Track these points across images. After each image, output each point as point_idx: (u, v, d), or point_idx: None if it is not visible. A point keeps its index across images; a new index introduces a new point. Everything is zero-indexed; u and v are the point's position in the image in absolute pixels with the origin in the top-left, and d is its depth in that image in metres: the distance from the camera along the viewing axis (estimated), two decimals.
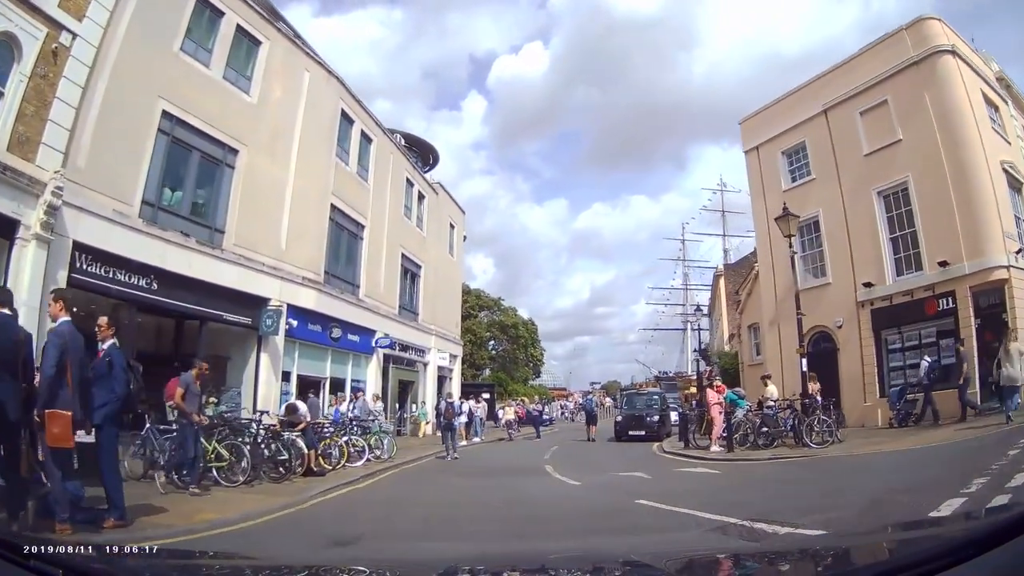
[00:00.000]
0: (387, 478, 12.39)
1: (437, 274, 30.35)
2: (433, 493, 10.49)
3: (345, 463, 12.75)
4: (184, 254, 14.35)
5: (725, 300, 40.55)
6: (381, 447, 14.65)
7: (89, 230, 11.98)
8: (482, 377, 52.03)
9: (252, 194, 16.72)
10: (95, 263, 12.25)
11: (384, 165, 24.62)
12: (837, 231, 20.68)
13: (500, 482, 11.57)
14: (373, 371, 22.66)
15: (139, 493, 8.01)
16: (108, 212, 12.50)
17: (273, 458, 10.99)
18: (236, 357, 16.96)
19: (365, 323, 21.98)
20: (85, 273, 11.95)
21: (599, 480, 11.15)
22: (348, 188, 21.47)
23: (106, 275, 12.48)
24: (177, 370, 15.66)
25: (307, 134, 19.03)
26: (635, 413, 21.93)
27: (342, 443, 12.90)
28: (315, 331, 18.95)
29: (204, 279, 14.80)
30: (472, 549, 5.60)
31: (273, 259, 17.20)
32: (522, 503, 8.97)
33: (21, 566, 1.73)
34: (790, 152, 22.66)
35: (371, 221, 22.97)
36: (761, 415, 15.72)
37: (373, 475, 12.30)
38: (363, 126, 22.93)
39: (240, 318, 16.14)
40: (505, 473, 13.11)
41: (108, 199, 12.62)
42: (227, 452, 10.25)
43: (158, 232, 13.75)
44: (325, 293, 19.18)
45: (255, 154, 16.96)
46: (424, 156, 33.61)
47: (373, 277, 23.17)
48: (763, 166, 23.49)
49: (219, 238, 15.88)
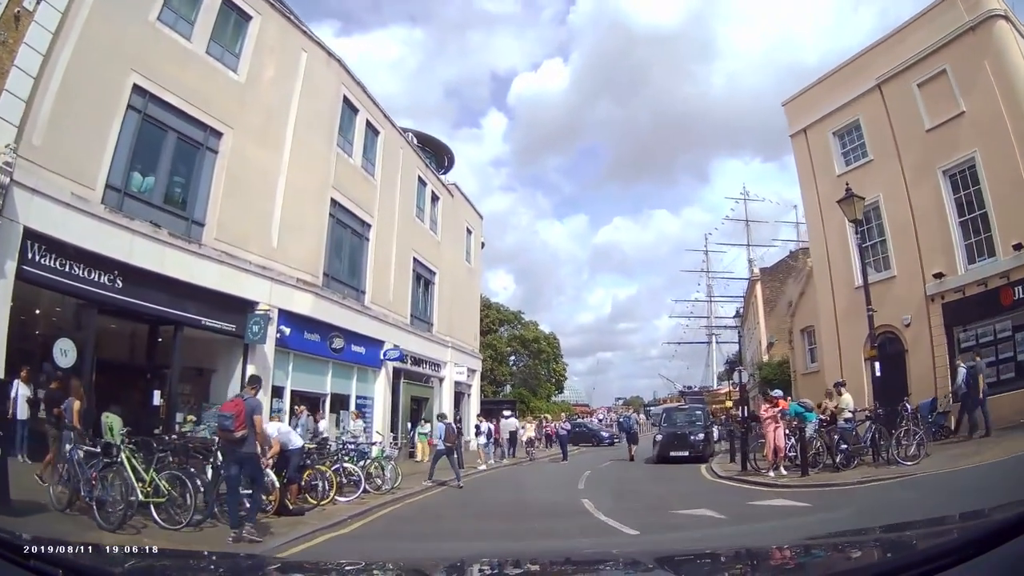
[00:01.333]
0: (381, 519, 9.94)
1: (453, 282, 28.06)
2: (435, 547, 7.80)
3: (335, 497, 10.33)
4: (155, 248, 12.35)
5: (762, 306, 37.71)
6: (382, 476, 12.19)
7: (43, 215, 10.23)
8: (503, 394, 49.94)
9: (238, 183, 14.64)
10: (49, 254, 10.48)
11: (393, 160, 22.47)
12: (900, 217, 18.41)
13: (528, 528, 8.80)
14: (381, 387, 20.29)
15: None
16: (66, 196, 10.72)
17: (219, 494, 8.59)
18: (221, 370, 14.79)
19: (372, 333, 19.67)
20: (37, 265, 10.27)
21: (660, 523, 8.54)
22: (352, 182, 19.31)
23: (62, 269, 10.68)
24: (150, 382, 13.85)
25: (304, 120, 16.98)
26: (676, 431, 19.28)
27: (330, 473, 10.44)
28: (312, 341, 16.68)
29: (179, 277, 12.80)
30: None
31: (262, 257, 15.03)
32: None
33: (21, 566, 1.72)
34: (842, 132, 20.57)
35: (378, 220, 20.76)
36: (839, 430, 13.14)
37: (365, 514, 9.84)
38: (369, 115, 20.83)
39: (222, 324, 13.95)
40: (533, 514, 10.32)
41: (67, 181, 10.87)
42: (168, 484, 7.86)
43: (124, 221, 11.79)
44: (324, 298, 16.92)
45: (242, 138, 14.93)
46: (438, 157, 31.45)
47: (381, 282, 20.91)
48: (812, 150, 21.39)
49: (198, 231, 13.81)
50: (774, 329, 37.02)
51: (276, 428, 9.63)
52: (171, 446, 8.77)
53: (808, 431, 13.15)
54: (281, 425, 10.17)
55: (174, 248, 12.79)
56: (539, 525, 8.89)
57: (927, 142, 17.62)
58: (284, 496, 9.18)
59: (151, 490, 7.78)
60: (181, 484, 7.86)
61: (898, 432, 12.22)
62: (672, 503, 9.92)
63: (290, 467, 9.44)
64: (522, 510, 10.56)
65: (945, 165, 17.17)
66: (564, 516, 9.44)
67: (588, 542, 7.15)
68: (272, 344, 14.80)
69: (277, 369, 15.25)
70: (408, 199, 23.71)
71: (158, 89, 12.88)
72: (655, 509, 9.77)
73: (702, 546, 5.10)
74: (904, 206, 18.22)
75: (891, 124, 18.74)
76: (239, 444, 7.76)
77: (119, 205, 12.05)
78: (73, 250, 10.78)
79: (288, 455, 9.49)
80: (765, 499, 10.04)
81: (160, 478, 7.86)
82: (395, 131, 23.03)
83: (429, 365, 24.82)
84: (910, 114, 18.10)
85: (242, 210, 14.76)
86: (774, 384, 29.37)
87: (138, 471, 7.84)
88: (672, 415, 21.30)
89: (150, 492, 7.77)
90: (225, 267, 13.90)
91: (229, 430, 7.67)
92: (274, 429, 9.52)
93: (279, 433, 9.51)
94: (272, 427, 9.55)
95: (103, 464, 7.83)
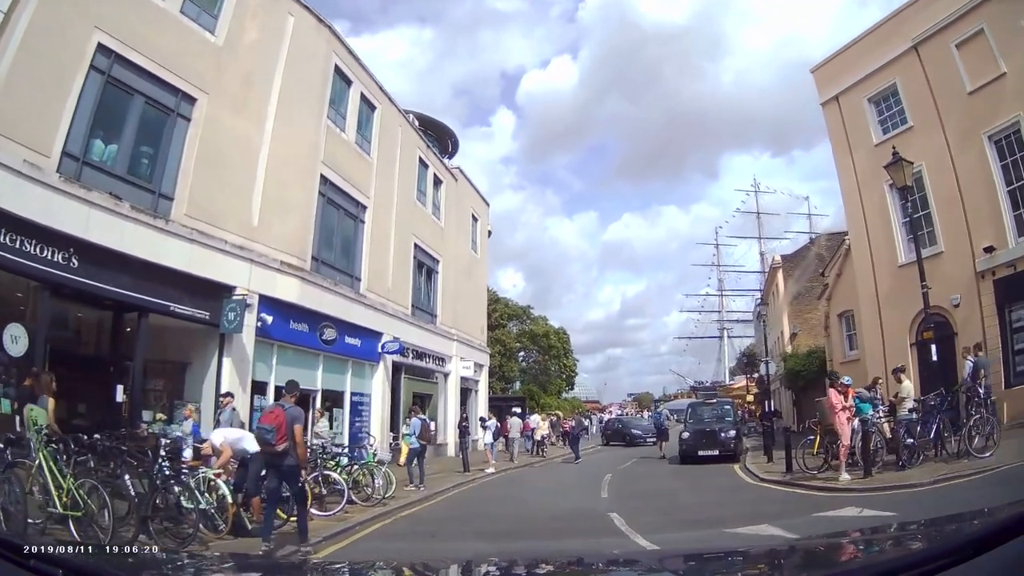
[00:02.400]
0: (361, 540, 8.13)
1: (458, 271, 26.37)
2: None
3: (311, 511, 8.55)
4: (114, 222, 10.83)
5: (784, 295, 35.76)
6: (372, 484, 10.48)
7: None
8: (512, 390, 48.38)
9: (213, 154, 13.08)
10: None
11: (391, 138, 20.80)
12: (945, 188, 16.66)
13: (544, 550, 6.67)
14: (379, 382, 18.64)
15: None
16: (17, 163, 9.43)
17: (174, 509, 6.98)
18: (196, 363, 13.19)
19: (368, 324, 18.02)
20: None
21: (719, 548, 6.63)
22: (345, 159, 17.66)
23: (11, 244, 9.37)
24: (114, 376, 12.27)
25: (290, 89, 15.36)
26: (705, 428, 17.48)
27: (308, 480, 8.64)
28: (300, 331, 15.04)
29: (142, 257, 11.26)
30: None
31: (241, 237, 13.42)
32: None
33: (21, 566, 1.71)
34: (878, 98, 18.88)
35: (375, 202, 19.10)
36: (903, 422, 11.44)
37: (344, 534, 8.11)
38: (364, 88, 19.17)
39: (194, 311, 12.35)
40: (548, 532, 8.31)
41: (19, 147, 9.58)
42: (85, 497, 6.20)
43: (80, 192, 10.32)
44: (312, 283, 15.27)
45: (219, 106, 13.38)
46: (441, 141, 29.63)
47: (379, 269, 19.24)
48: (846, 118, 19.70)
49: (165, 206, 12.25)
50: (796, 318, 35.27)
51: (222, 435, 7.93)
52: (98, 447, 7.07)
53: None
54: (228, 431, 8.48)
55: (136, 223, 11.25)
56: (557, 546, 7.11)
57: (970, 106, 16.11)
58: (242, 512, 7.50)
59: (68, 501, 6.12)
60: (100, 496, 6.18)
61: (970, 422, 10.88)
62: (723, 517, 8.03)
63: (249, 477, 7.77)
64: (535, 527, 8.67)
65: (990, 130, 15.62)
66: (589, 536, 7.61)
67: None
68: (252, 334, 13.18)
69: (259, 362, 13.63)
70: (408, 181, 22.02)
71: (125, 49, 11.45)
72: (704, 525, 7.81)
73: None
74: (949, 175, 16.55)
75: (931, 87, 17.14)
76: (281, 457, 7.21)
77: (76, 175, 10.63)
78: (23, 223, 9.41)
79: (246, 462, 7.83)
80: (832, 508, 8.29)
81: (78, 488, 6.18)
82: (393, 107, 21.35)
83: (432, 359, 23.15)
84: (950, 76, 16.58)
85: (218, 184, 13.18)
86: (803, 376, 27.74)
87: (57, 477, 6.21)
88: (698, 411, 19.51)
89: (65, 504, 6.11)
90: (197, 246, 12.31)
91: (271, 444, 7.13)
92: (220, 436, 7.84)
93: (227, 439, 7.81)
94: (218, 435, 7.89)
95: (6, 464, 6.22)
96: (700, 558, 2.51)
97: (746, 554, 2.54)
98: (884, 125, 18.69)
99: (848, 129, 19.59)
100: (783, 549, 2.56)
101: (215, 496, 7.32)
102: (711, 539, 6.65)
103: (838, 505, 8.44)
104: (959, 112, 16.36)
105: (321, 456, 10.25)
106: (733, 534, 6.87)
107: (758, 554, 2.52)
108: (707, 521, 8.06)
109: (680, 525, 8.08)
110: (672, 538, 7.06)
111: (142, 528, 6.39)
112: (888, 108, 18.68)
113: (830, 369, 12.97)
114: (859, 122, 19.22)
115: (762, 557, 2.42)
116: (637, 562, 2.72)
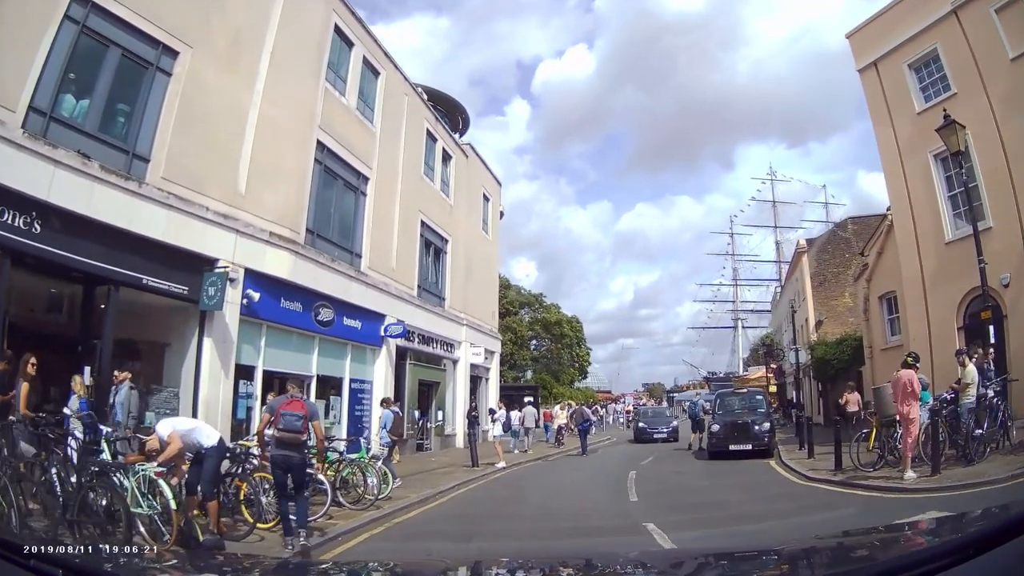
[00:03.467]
0: (343, 555, 6.66)
1: (469, 252, 24.94)
2: None
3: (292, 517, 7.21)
4: (81, 184, 9.56)
5: (810, 281, 34.04)
6: (363, 483, 9.08)
7: None
8: (524, 379, 47.18)
9: (196, 113, 11.74)
10: None
11: (396, 108, 19.38)
12: (992, 158, 15.19)
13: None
14: (382, 368, 17.29)
15: None
16: None
17: (102, 513, 5.63)
18: (176, 344, 11.89)
19: (370, 305, 16.66)
20: None
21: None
22: (344, 125, 16.26)
23: None
24: (83, 356, 11.04)
25: (284, 46, 14.00)
26: (736, 420, 15.93)
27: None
28: (292, 310, 13.71)
29: (113, 223, 9.98)
30: None
31: (225, 204, 12.09)
32: None
33: (21, 566, 1.70)
34: (919, 64, 17.47)
35: (378, 174, 17.70)
36: (971, 411, 10.07)
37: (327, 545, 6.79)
38: (366, 52, 17.74)
39: (170, 285, 11.04)
40: (572, 550, 6.63)
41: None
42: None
43: (45, 150, 9.09)
44: (307, 258, 13.91)
45: (204, 61, 12.03)
46: (451, 117, 28.10)
47: (382, 246, 17.87)
48: (886, 85, 18.28)
49: (140, 168, 10.95)
50: (822, 306, 33.69)
51: (171, 425, 6.54)
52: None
53: (923, 416, 10.09)
54: (178, 420, 7.09)
55: (106, 185, 9.96)
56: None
57: (1013, 72, 14.84)
58: (187, 518, 6.10)
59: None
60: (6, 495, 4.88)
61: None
62: (784, 528, 6.61)
63: (204, 476, 6.44)
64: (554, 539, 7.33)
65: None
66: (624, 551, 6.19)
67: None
68: (236, 312, 11.87)
69: (244, 344, 12.32)
70: (415, 154, 20.60)
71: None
72: (760, 540, 6.40)
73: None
74: (995, 144, 15.13)
75: (972, 53, 15.78)
76: (299, 448, 6.97)
77: (43, 131, 9.44)
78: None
79: (201, 458, 6.48)
80: (911, 513, 6.82)
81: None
82: (399, 74, 19.90)
83: (440, 344, 21.80)
84: (992, 42, 15.28)
85: (200, 146, 11.84)
86: (834, 365, 26.17)
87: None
88: (727, 401, 17.98)
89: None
90: (175, 213, 10.99)
91: (299, 432, 6.86)
92: (167, 427, 6.45)
93: (176, 429, 6.42)
94: (165, 425, 6.51)
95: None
96: (699, 559, 2.51)
97: (748, 555, 2.52)
98: (926, 92, 17.31)
99: (888, 96, 18.20)
100: (781, 549, 2.47)
101: (158, 500, 5.97)
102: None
103: (917, 509, 6.96)
104: (1003, 79, 15.07)
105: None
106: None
107: (755, 555, 2.51)
108: (763, 534, 6.55)
109: (734, 540, 6.56)
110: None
111: (64, 532, 5.07)
112: (930, 75, 17.33)
113: (909, 352, 11.39)
114: (899, 89, 17.83)
115: (761, 558, 2.41)
116: (633, 563, 2.69)
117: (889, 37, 18.07)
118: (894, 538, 2.26)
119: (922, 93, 17.44)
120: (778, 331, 49.06)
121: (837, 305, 33.74)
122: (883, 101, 18.47)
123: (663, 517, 7.62)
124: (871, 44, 18.86)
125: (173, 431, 6.29)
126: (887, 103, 18.31)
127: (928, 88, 17.33)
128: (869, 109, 19.22)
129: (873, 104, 18.99)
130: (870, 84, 19.00)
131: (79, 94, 10.45)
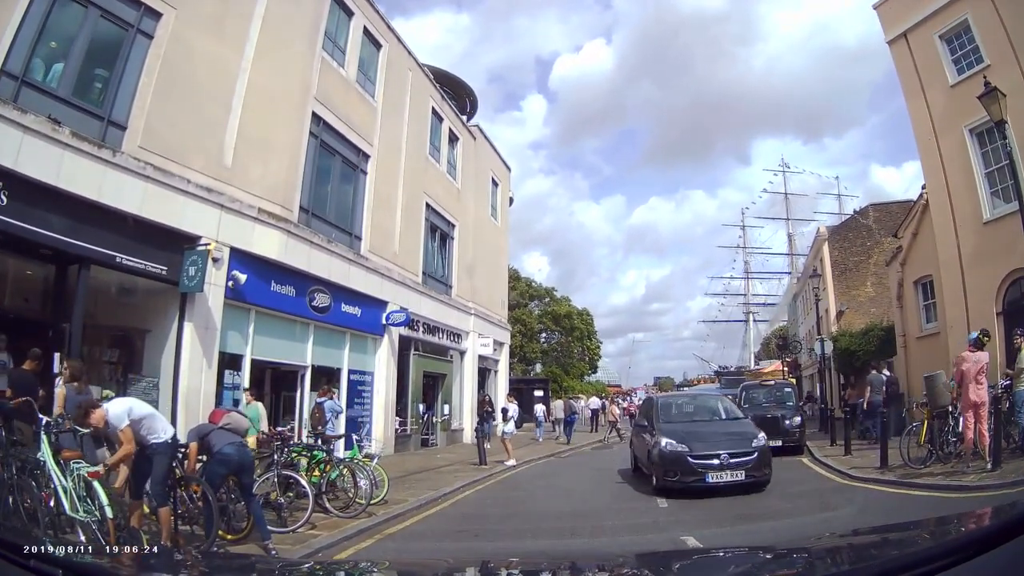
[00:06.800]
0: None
1: (477, 239, 23.82)
2: None
3: (250, 529, 6.12)
4: (50, 151, 8.64)
5: (831, 269, 32.66)
6: (353, 487, 8.00)
7: None
8: (534, 372, 46.32)
9: (179, 79, 10.74)
10: None
11: (399, 83, 18.26)
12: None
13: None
14: (384, 359, 16.21)
15: None
16: None
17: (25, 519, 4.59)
18: (156, 330, 10.86)
19: (371, 291, 15.58)
20: None
21: None
22: (343, 98, 15.15)
23: None
24: (53, 341, 10.06)
25: (276, 11, 12.99)
26: (765, 415, 14.61)
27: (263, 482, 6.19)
28: (284, 294, 12.65)
29: (83, 195, 9.04)
30: None
31: (209, 177, 11.04)
32: None
33: (21, 566, 1.67)
34: (950, 36, 16.43)
35: (379, 151, 16.60)
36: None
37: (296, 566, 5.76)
38: (367, 22, 16.61)
39: (147, 264, 10.01)
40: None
41: None
42: None
43: (14, 115, 8.23)
44: (300, 238, 12.83)
45: (188, 23, 11.03)
46: (459, 99, 26.88)
47: (383, 228, 16.78)
48: (917, 57, 17.25)
49: (116, 136, 9.95)
50: (844, 296, 32.47)
51: (126, 409, 5.34)
52: None
53: None
54: (134, 403, 5.66)
55: (77, 153, 8.98)
56: None
57: None
58: (130, 528, 5.01)
59: None
60: None
61: None
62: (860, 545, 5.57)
63: (154, 478, 5.36)
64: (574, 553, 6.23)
65: None
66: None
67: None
68: (220, 294, 10.82)
69: (230, 330, 11.28)
70: (419, 133, 19.48)
71: None
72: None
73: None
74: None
75: (1003, 23, 14.70)
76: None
77: (13, 96, 8.61)
78: None
79: (150, 455, 5.37)
80: None
81: None
82: (402, 48, 18.76)
83: (447, 335, 20.71)
84: (1021, 14, 14.24)
85: (183, 114, 10.80)
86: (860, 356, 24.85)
87: None
88: (752, 394, 16.79)
89: None
90: (152, 184, 9.97)
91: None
92: (122, 409, 5.26)
93: (134, 413, 5.28)
94: (118, 406, 5.33)
95: None
96: (699, 559, 2.51)
97: (748, 555, 2.49)
98: (958, 65, 16.21)
99: (920, 69, 17.13)
100: (780, 550, 2.37)
101: (95, 504, 4.87)
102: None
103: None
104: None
105: (286, 448, 7.73)
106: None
107: (752, 556, 2.47)
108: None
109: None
110: None
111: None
112: (961, 46, 16.28)
113: (980, 329, 10.18)
114: (931, 61, 16.78)
115: (764, 558, 2.32)
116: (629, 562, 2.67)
117: (918, 7, 17.05)
118: (894, 539, 2.18)
119: (954, 65, 16.36)
120: (793, 324, 47.82)
121: (858, 295, 32.56)
122: (915, 73, 17.42)
123: (702, 529, 6.49)
124: (900, 15, 17.80)
125: (128, 421, 5.12)
126: (919, 75, 17.26)
127: (960, 60, 16.25)
128: (900, 82, 18.13)
129: (904, 77, 17.91)
130: (900, 56, 17.90)
131: (53, 58, 9.60)
